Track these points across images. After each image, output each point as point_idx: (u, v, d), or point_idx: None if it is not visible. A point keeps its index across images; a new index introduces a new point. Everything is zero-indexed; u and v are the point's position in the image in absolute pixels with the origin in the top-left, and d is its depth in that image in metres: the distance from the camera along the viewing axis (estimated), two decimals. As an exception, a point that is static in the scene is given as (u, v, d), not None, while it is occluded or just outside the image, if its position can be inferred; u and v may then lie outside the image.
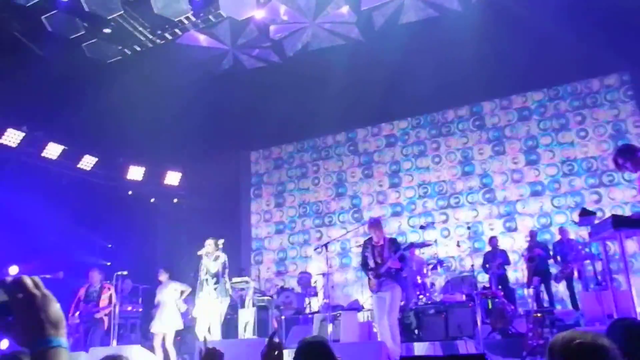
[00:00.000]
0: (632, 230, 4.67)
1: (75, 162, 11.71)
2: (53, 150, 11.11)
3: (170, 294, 8.11)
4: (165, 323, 7.89)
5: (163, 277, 8.29)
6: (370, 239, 6.60)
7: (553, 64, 9.83)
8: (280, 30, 9.28)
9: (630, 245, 6.42)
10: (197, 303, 7.73)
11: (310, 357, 2.57)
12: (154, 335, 7.91)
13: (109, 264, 11.79)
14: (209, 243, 7.87)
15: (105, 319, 8.31)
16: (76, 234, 11.13)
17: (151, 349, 7.65)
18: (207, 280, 7.63)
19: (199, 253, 7.81)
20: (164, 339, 7.83)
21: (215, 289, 7.55)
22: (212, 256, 7.77)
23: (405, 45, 9.22)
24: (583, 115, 10.96)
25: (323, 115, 11.26)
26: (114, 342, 7.83)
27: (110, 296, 8.32)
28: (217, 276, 7.63)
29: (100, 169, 12.14)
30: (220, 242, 7.93)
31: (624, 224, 4.58)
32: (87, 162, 11.85)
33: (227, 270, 7.78)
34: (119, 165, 12.60)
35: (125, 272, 8.65)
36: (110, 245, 12.55)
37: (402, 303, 7.89)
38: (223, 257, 7.84)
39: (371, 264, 6.43)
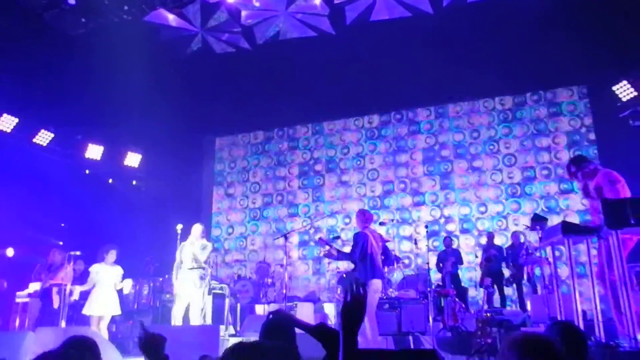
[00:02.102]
0: (579, 237, 4.87)
1: (31, 137, 11.28)
2: (6, 123, 10.66)
3: (112, 276, 7.78)
4: (104, 305, 7.53)
5: (112, 257, 7.86)
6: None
7: (519, 71, 10.10)
8: (251, 16, 9.16)
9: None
10: (175, 286, 7.57)
11: (275, 332, 2.66)
12: (91, 318, 7.49)
13: (61, 243, 11.47)
14: (197, 229, 7.74)
15: (57, 297, 8.08)
16: (29, 211, 10.76)
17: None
18: (190, 265, 7.49)
19: (182, 241, 7.68)
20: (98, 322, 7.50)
21: (200, 276, 7.47)
22: (197, 243, 7.65)
23: (375, 42, 9.30)
24: (544, 123, 11.32)
25: (290, 106, 11.25)
26: (63, 323, 7.62)
27: (67, 275, 8.10)
28: (203, 263, 7.56)
29: (57, 146, 11.73)
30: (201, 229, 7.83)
31: (572, 231, 4.78)
32: (43, 137, 11.42)
33: (210, 260, 7.80)
34: (77, 142, 12.21)
35: (78, 253, 8.36)
36: (63, 225, 12.19)
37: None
38: (210, 246, 7.85)
39: None
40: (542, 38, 9.15)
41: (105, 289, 7.62)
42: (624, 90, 9.77)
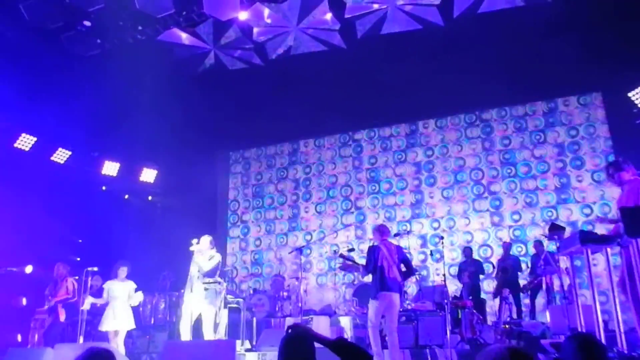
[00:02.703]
0: (597, 246, 4.80)
1: (49, 155, 11.49)
2: (25, 142, 10.89)
3: (125, 291, 7.91)
4: (118, 320, 7.65)
5: (124, 273, 8.04)
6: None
7: (532, 80, 10.07)
8: (263, 32, 9.26)
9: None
10: (184, 300, 7.52)
11: (294, 347, 2.67)
12: (108, 334, 7.61)
13: (78, 259, 11.59)
14: (205, 240, 7.66)
15: (62, 311, 8.19)
16: (47, 228, 10.91)
17: None
18: (198, 278, 7.40)
19: (192, 248, 7.55)
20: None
21: (206, 289, 7.35)
22: (206, 254, 7.56)
23: (386, 55, 9.34)
24: (557, 132, 11.23)
25: (303, 119, 11.34)
26: (81, 339, 7.68)
27: (68, 288, 8.21)
28: (210, 276, 7.45)
29: (74, 163, 11.92)
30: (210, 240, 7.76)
31: (590, 240, 4.71)
32: (61, 155, 11.63)
33: (218, 272, 7.62)
34: (94, 159, 12.41)
35: (95, 268, 8.46)
36: (80, 241, 12.33)
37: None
38: (218, 257, 7.68)
39: None
40: (554, 46, 9.12)
41: (119, 304, 7.76)
42: (639, 97, 9.68)
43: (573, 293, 5.73)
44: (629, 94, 9.74)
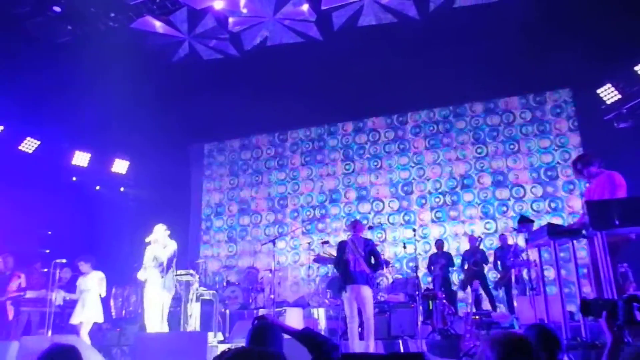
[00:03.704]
0: (565, 239, 4.91)
1: (17, 144, 11.18)
2: (-8, 131, 10.58)
3: (93, 282, 7.75)
4: (87, 312, 7.51)
5: (85, 267, 7.85)
6: None
7: (505, 75, 10.22)
8: (239, 22, 9.17)
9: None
10: (145, 292, 7.32)
11: (261, 338, 2.66)
12: (78, 327, 7.46)
13: (47, 251, 11.34)
14: (159, 229, 7.39)
15: (11, 308, 8.04)
16: (14, 219, 10.63)
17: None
18: (152, 268, 7.19)
19: (147, 239, 7.35)
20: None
21: (161, 278, 7.11)
22: (160, 244, 7.31)
23: (363, 48, 9.36)
24: (531, 125, 11.44)
25: (278, 111, 11.27)
26: (49, 332, 7.53)
27: (20, 285, 8.08)
28: (165, 265, 7.15)
29: (43, 153, 11.63)
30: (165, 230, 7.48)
31: (557, 232, 4.82)
32: (29, 144, 11.33)
33: (175, 260, 7.30)
34: (63, 150, 12.12)
35: (64, 260, 8.31)
36: (50, 233, 12.06)
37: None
38: (172, 246, 7.35)
39: None
40: (527, 42, 9.26)
41: (88, 296, 7.63)
42: (608, 93, 9.91)
43: (540, 285, 5.87)
44: (598, 91, 9.96)
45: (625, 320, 2.08)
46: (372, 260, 6.67)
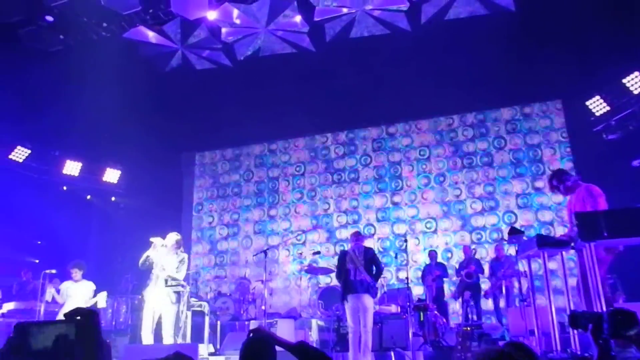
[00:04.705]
0: (554, 250, 4.94)
1: (7, 153, 11.10)
2: (-18, 140, 10.51)
3: (83, 291, 7.65)
4: None
5: (76, 274, 7.71)
6: None
7: (495, 87, 10.31)
8: (231, 33, 9.21)
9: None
10: (146, 300, 6.99)
11: (255, 350, 2.65)
12: None
13: (37, 261, 11.26)
14: (172, 238, 7.06)
15: None
16: (4, 229, 10.55)
17: None
18: (160, 277, 6.84)
19: (159, 243, 6.97)
20: None
21: (171, 288, 6.82)
22: (172, 252, 7.01)
23: (355, 59, 9.42)
24: (521, 137, 11.54)
25: (270, 121, 11.31)
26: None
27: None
28: (175, 275, 6.90)
29: (34, 162, 11.55)
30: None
31: (547, 243, 4.85)
32: (20, 153, 11.25)
33: (183, 270, 7.06)
34: (54, 159, 12.05)
35: (53, 271, 8.24)
36: (40, 242, 11.96)
37: (339, 312, 8.01)
38: (183, 256, 7.13)
39: None
40: (517, 54, 9.38)
41: (71, 304, 7.47)
42: (597, 105, 10.01)
43: (530, 296, 5.89)
44: (587, 103, 10.07)
45: (610, 333, 2.09)
46: (373, 269, 6.67)
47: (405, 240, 8.00)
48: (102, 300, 7.82)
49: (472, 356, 2.02)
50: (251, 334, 2.92)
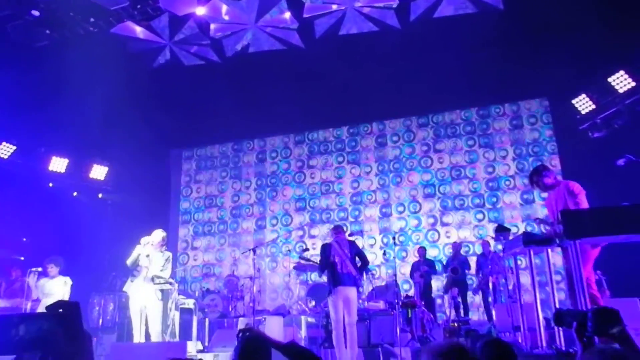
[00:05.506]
0: (539, 247, 5.01)
1: (-10, 149, 10.95)
2: (-35, 135, 10.36)
3: (60, 286, 7.58)
4: None
5: (53, 270, 7.67)
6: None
7: (483, 84, 10.37)
8: (220, 29, 9.16)
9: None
10: (130, 296, 7.02)
11: (253, 350, 2.66)
12: None
13: (22, 258, 11.11)
14: (158, 234, 7.10)
15: None
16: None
17: None
18: (146, 275, 6.86)
19: (144, 242, 7.00)
20: None
21: (157, 286, 6.87)
22: (157, 250, 7.04)
23: (344, 56, 9.42)
24: (507, 134, 11.64)
25: (259, 118, 11.28)
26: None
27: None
28: (160, 273, 6.94)
29: (19, 158, 11.40)
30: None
31: (533, 241, 4.91)
32: (5, 149, 11.10)
33: (169, 269, 7.11)
34: (40, 155, 11.90)
35: (39, 269, 8.15)
36: (25, 239, 11.83)
37: (327, 309, 8.03)
38: (168, 254, 7.19)
39: None
40: (505, 53, 9.44)
41: (47, 301, 7.40)
42: (583, 104, 10.12)
43: (516, 292, 5.96)
44: (573, 101, 10.17)
45: (593, 331, 2.13)
46: (358, 262, 6.69)
47: (393, 237, 8.05)
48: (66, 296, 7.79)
49: (427, 350, 2.05)
50: (244, 333, 2.91)
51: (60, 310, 2.28)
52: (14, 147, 11.16)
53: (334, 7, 8.69)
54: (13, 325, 2.28)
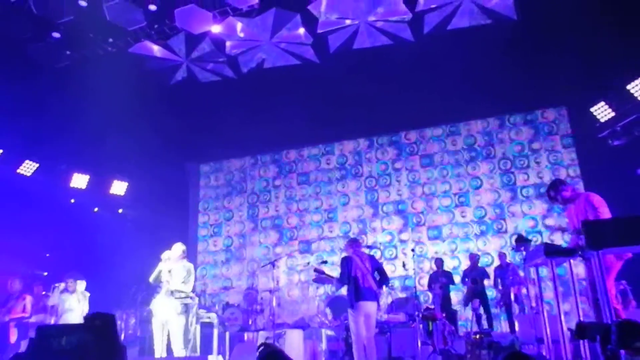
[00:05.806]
0: (561, 258, 4.94)
1: (15, 167, 11.22)
2: (-10, 155, 10.62)
3: (79, 300, 7.72)
4: None
5: (73, 286, 7.85)
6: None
7: (499, 94, 10.33)
8: (236, 46, 9.28)
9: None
10: (153, 312, 7.03)
11: None
12: None
13: (45, 274, 11.32)
14: (178, 247, 7.12)
15: (14, 331, 7.99)
16: (13, 242, 10.62)
17: None
18: (168, 288, 6.87)
19: (164, 257, 7.03)
20: None
21: (179, 300, 6.87)
22: (178, 263, 7.05)
23: (358, 69, 9.48)
24: (526, 144, 11.55)
25: (275, 132, 11.37)
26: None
27: (26, 307, 8.03)
28: (182, 286, 6.93)
29: (42, 175, 11.65)
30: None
31: (554, 252, 4.85)
32: (28, 167, 11.36)
33: (191, 281, 7.09)
34: (62, 172, 12.15)
35: (63, 284, 8.29)
36: (48, 255, 12.04)
37: (347, 322, 8.00)
38: (189, 265, 7.17)
39: None
40: (521, 62, 9.40)
41: (73, 318, 7.54)
42: (602, 111, 10.02)
43: (539, 303, 5.88)
44: (591, 109, 10.07)
45: (618, 344, 2.11)
46: (378, 277, 6.68)
47: (413, 249, 8.02)
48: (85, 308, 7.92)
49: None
50: (263, 347, 2.95)
51: (96, 321, 2.37)
52: (37, 165, 11.42)
53: (348, 22, 8.74)
54: (55, 336, 2.38)
